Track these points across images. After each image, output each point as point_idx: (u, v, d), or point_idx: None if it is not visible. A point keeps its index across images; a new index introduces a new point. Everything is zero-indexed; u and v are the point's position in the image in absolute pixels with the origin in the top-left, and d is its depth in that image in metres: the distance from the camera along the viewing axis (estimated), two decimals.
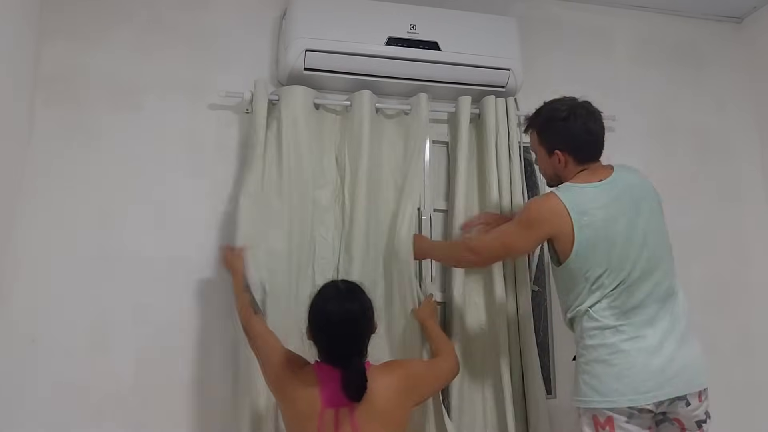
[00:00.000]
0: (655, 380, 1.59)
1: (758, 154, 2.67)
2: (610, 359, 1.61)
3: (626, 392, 1.58)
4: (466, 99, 2.26)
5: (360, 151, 2.09)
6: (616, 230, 1.66)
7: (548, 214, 1.68)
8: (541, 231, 1.70)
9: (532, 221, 1.71)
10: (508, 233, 1.77)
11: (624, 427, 1.59)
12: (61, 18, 2.12)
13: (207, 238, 2.08)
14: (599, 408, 1.61)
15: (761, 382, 2.45)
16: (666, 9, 2.69)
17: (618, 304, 1.65)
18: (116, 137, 2.09)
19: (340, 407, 1.51)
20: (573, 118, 1.77)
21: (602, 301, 1.65)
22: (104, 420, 1.92)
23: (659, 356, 1.60)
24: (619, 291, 1.65)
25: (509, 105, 2.28)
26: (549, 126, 1.81)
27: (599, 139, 1.80)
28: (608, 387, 1.60)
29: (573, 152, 1.76)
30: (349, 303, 1.59)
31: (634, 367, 1.59)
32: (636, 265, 1.66)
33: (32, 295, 1.93)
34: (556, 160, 1.78)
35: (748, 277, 2.55)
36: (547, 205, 1.70)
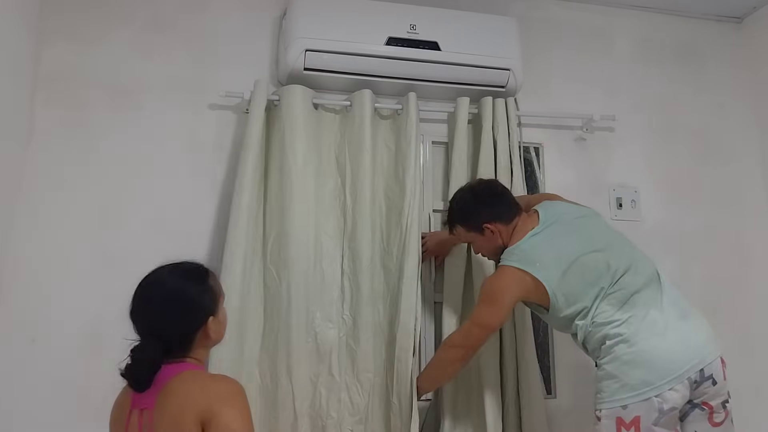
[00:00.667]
0: (677, 361, 1.60)
1: (758, 154, 2.67)
2: (630, 353, 1.61)
3: (656, 380, 1.58)
4: (464, 100, 2.26)
5: (361, 151, 2.09)
6: (571, 254, 1.74)
7: (507, 281, 1.76)
8: (509, 298, 1.77)
9: (495, 295, 1.77)
10: (480, 316, 1.80)
11: (651, 428, 1.57)
12: (61, 18, 2.13)
13: (207, 238, 2.08)
14: (629, 405, 1.58)
15: (761, 382, 2.45)
16: (666, 9, 2.69)
17: (615, 300, 1.69)
18: (116, 137, 2.09)
19: (144, 409, 1.30)
20: (477, 195, 1.90)
21: (601, 306, 1.69)
22: (104, 420, 1.91)
23: (672, 335, 1.63)
24: (611, 291, 1.70)
25: (509, 105, 2.28)
26: (467, 215, 1.90)
27: (508, 195, 1.93)
28: (637, 380, 1.59)
29: (497, 218, 1.86)
30: (167, 276, 1.41)
31: (656, 353, 1.60)
32: (611, 266, 1.72)
33: (32, 295, 1.93)
34: (489, 232, 1.86)
35: (748, 278, 2.55)
36: (501, 275, 1.79)
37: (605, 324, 1.67)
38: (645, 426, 1.56)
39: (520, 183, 2.23)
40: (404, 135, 2.13)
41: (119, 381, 1.91)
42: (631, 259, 1.75)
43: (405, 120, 2.15)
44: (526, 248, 1.78)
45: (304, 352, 1.94)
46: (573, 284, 1.71)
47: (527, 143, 2.38)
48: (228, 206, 2.08)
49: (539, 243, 1.78)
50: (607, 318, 1.67)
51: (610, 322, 1.67)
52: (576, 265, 1.72)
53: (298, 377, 1.91)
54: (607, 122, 2.48)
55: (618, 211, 2.46)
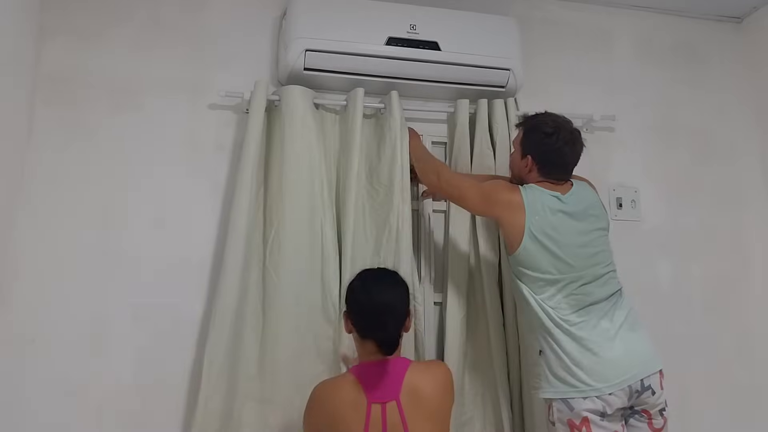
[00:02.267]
0: (621, 368, 1.68)
1: (758, 154, 2.67)
2: (579, 357, 1.69)
3: (600, 380, 1.66)
4: (464, 102, 2.26)
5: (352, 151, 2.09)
6: (565, 237, 1.79)
7: (503, 200, 1.84)
8: (493, 210, 1.87)
9: (490, 197, 1.87)
10: (470, 188, 1.91)
11: (600, 424, 1.64)
12: (61, 18, 2.13)
13: (206, 237, 2.08)
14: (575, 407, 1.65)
15: (761, 382, 2.45)
16: (666, 9, 2.69)
17: (574, 302, 1.75)
18: (116, 137, 2.09)
19: (387, 401, 1.52)
20: (555, 137, 1.87)
21: (559, 299, 1.76)
22: (104, 420, 1.92)
23: (619, 345, 1.71)
24: (575, 290, 1.76)
25: (509, 105, 2.28)
26: (532, 133, 1.91)
27: (568, 165, 1.91)
28: (581, 379, 1.67)
29: (539, 165, 1.89)
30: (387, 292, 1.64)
31: (602, 361, 1.67)
32: (587, 270, 1.78)
33: (32, 295, 1.93)
34: (525, 164, 1.91)
35: (748, 277, 2.55)
36: (504, 193, 1.86)
37: (558, 318, 1.73)
38: (594, 423, 1.64)
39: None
40: (389, 134, 2.12)
41: (119, 381, 1.93)
42: (604, 274, 1.81)
43: (389, 119, 2.14)
44: (544, 199, 1.82)
45: (304, 352, 1.94)
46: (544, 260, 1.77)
47: None
48: (228, 206, 2.09)
49: (554, 204, 1.81)
50: (561, 315, 1.74)
51: (565, 319, 1.73)
52: (558, 247, 1.77)
53: (297, 376, 1.90)
54: (607, 122, 2.48)
55: (618, 211, 2.46)
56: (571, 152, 1.89)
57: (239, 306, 1.93)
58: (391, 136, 2.11)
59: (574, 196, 1.86)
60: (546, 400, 1.75)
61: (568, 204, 1.83)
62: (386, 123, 2.15)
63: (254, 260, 2.00)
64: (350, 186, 2.06)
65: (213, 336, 1.89)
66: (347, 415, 1.52)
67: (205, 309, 2.03)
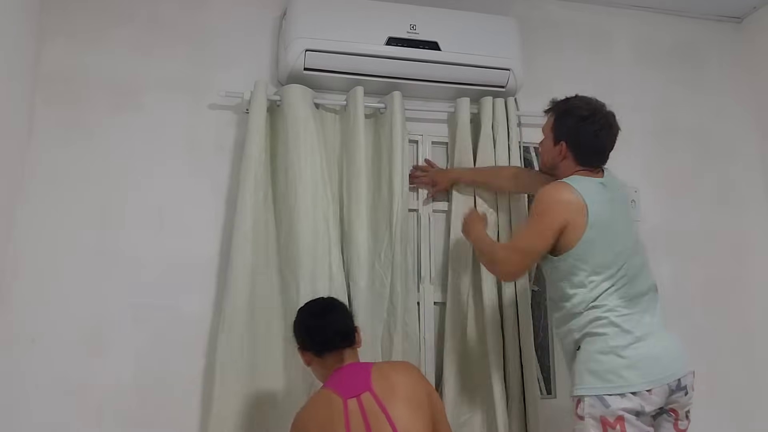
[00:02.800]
0: (661, 365, 1.63)
1: (758, 154, 2.67)
2: (623, 352, 1.62)
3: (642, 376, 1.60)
4: (464, 100, 2.26)
5: (354, 150, 2.09)
6: (616, 225, 1.73)
7: (563, 203, 1.70)
8: (558, 221, 1.69)
9: (547, 212, 1.71)
10: (525, 238, 1.76)
11: (635, 424, 1.58)
12: (61, 18, 2.13)
13: (206, 237, 2.09)
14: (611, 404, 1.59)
15: (761, 382, 2.45)
16: (666, 9, 2.69)
17: (624, 293, 1.68)
18: (116, 137, 2.09)
19: (361, 393, 1.54)
20: (590, 121, 1.79)
21: (611, 291, 1.68)
22: (104, 420, 1.92)
23: (659, 341, 1.67)
24: (623, 281, 1.69)
25: (509, 105, 2.28)
26: (566, 118, 1.83)
27: (605, 151, 1.82)
28: (621, 375, 1.61)
29: (575, 151, 1.80)
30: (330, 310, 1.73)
31: (646, 356, 1.62)
32: (632, 258, 1.73)
33: (32, 295, 1.93)
34: (558, 151, 1.82)
35: (748, 277, 2.55)
36: (560, 191, 1.72)
37: (606, 310, 1.66)
38: (630, 422, 1.58)
39: None
40: (390, 134, 2.13)
41: (119, 381, 1.93)
42: (643, 264, 1.77)
43: (389, 119, 2.14)
44: (592, 187, 1.73)
45: None
46: (601, 249, 1.68)
47: (527, 143, 2.38)
48: (228, 206, 2.09)
49: (601, 191, 1.74)
50: (610, 305, 1.66)
51: (613, 310, 1.66)
52: (613, 236, 1.70)
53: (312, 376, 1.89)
54: None
55: None
56: (609, 136, 1.80)
57: (249, 307, 1.93)
58: (393, 136, 2.11)
59: (612, 182, 1.80)
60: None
61: (611, 190, 1.77)
62: (387, 123, 2.15)
63: (264, 261, 2.01)
64: (359, 185, 2.06)
65: (223, 338, 1.90)
66: (328, 421, 1.52)
67: (205, 309, 2.03)
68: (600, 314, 1.67)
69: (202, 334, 2.02)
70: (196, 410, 1.97)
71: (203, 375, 1.99)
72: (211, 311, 2.03)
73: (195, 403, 1.97)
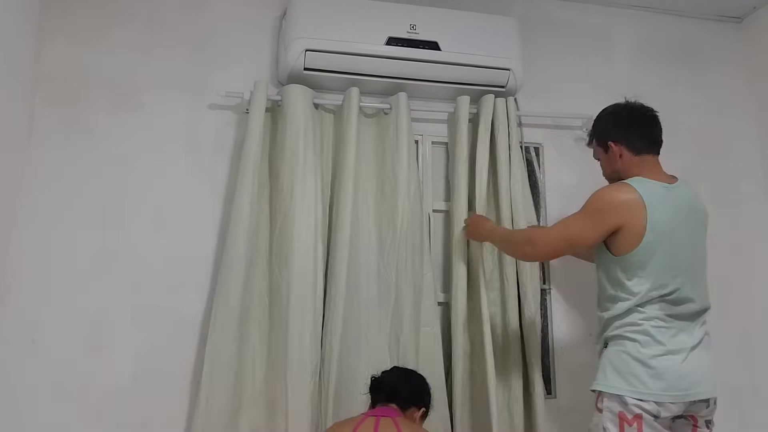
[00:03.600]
0: (688, 381, 1.62)
1: (758, 154, 2.67)
2: (650, 361, 1.61)
3: (665, 389, 1.59)
4: (464, 99, 2.25)
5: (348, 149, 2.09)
6: (678, 235, 1.68)
7: (619, 203, 1.66)
8: (611, 221, 1.65)
9: (602, 210, 1.68)
10: (573, 225, 1.72)
11: (653, 425, 1.58)
12: (62, 18, 2.13)
13: (206, 237, 2.09)
14: (629, 404, 1.59)
15: (761, 382, 2.45)
16: (666, 9, 2.69)
17: (667, 309, 1.66)
18: (116, 137, 2.09)
19: (381, 417, 1.62)
20: (619, 109, 1.82)
21: (655, 302, 1.66)
22: (104, 420, 1.92)
23: (691, 361, 1.64)
24: (671, 298, 1.67)
25: (509, 105, 2.28)
26: (601, 125, 1.85)
27: (649, 128, 1.81)
28: (644, 382, 1.60)
29: (625, 141, 1.78)
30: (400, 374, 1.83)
31: (672, 369, 1.61)
32: (688, 273, 1.70)
33: (32, 295, 1.93)
34: (612, 153, 1.79)
35: (748, 278, 2.55)
36: (618, 194, 1.68)
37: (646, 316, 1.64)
38: (647, 423, 1.57)
39: (519, 183, 2.22)
40: (395, 135, 2.13)
41: (119, 381, 1.93)
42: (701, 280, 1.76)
43: (395, 120, 2.14)
44: (657, 192, 1.68)
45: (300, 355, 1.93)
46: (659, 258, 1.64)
47: (527, 143, 2.38)
48: (228, 206, 2.09)
49: (667, 198, 1.68)
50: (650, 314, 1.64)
51: (652, 318, 1.64)
52: (674, 247, 1.66)
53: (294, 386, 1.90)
54: None
55: None
56: (643, 113, 1.81)
57: (242, 305, 1.93)
58: (398, 136, 2.11)
59: (683, 192, 1.74)
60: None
61: (678, 197, 1.71)
62: (392, 124, 2.15)
63: (259, 260, 2.01)
64: (347, 185, 2.05)
65: (213, 336, 1.90)
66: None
67: (205, 309, 2.03)
68: (638, 320, 1.65)
69: (202, 333, 2.01)
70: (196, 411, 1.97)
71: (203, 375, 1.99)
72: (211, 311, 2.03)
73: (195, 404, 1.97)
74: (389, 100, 2.20)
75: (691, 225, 1.75)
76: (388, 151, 2.14)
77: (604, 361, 1.68)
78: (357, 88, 2.15)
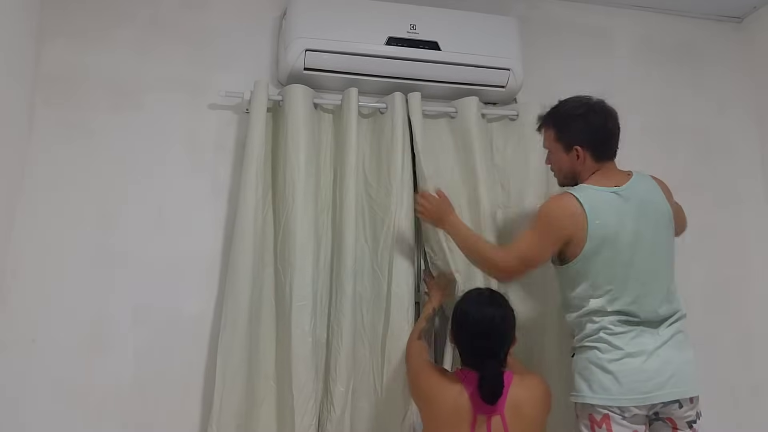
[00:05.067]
0: (651, 383, 1.61)
1: (758, 154, 2.67)
2: (608, 366, 1.63)
3: (624, 392, 1.61)
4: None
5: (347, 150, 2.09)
6: (624, 240, 1.68)
7: (566, 214, 1.68)
8: (561, 233, 1.68)
9: (551, 223, 1.69)
10: (525, 246, 1.72)
11: (621, 423, 1.60)
12: (62, 17, 2.13)
13: (207, 237, 2.09)
14: (595, 406, 1.63)
15: (761, 382, 2.45)
16: (666, 9, 2.69)
17: (622, 312, 1.66)
18: (116, 137, 2.09)
19: (493, 415, 1.58)
20: (592, 114, 1.78)
21: (607, 308, 1.67)
22: (104, 420, 1.92)
23: (654, 361, 1.63)
24: (624, 301, 1.66)
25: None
26: (568, 122, 1.80)
27: (615, 137, 1.81)
28: (605, 387, 1.62)
29: (592, 148, 1.77)
30: (490, 308, 1.69)
31: (631, 372, 1.62)
32: (643, 279, 1.68)
33: (32, 295, 1.93)
34: (575, 156, 1.78)
35: (748, 278, 2.55)
36: (564, 204, 1.69)
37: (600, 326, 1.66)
38: (615, 421, 1.60)
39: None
40: (391, 134, 2.12)
41: (119, 381, 1.93)
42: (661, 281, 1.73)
43: (390, 119, 2.14)
44: (600, 199, 1.69)
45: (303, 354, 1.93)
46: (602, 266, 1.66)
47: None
48: (229, 206, 2.09)
49: (612, 203, 1.69)
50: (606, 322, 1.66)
51: (606, 327, 1.66)
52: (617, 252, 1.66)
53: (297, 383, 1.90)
54: None
55: None
56: (613, 123, 1.80)
57: (252, 305, 1.93)
58: (393, 136, 2.11)
59: (633, 188, 1.74)
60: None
61: (629, 201, 1.71)
62: (387, 123, 2.15)
63: (265, 260, 2.01)
64: (348, 185, 2.06)
65: (225, 336, 1.90)
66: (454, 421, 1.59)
67: (205, 309, 2.04)
68: (593, 329, 1.67)
69: (203, 333, 2.02)
70: (196, 410, 1.97)
71: (203, 375, 1.99)
72: (211, 311, 2.04)
73: (195, 403, 1.97)
74: (385, 99, 2.20)
75: (646, 227, 1.71)
76: (383, 151, 2.14)
77: (573, 370, 1.73)
78: (356, 89, 2.15)
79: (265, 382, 1.95)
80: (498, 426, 1.57)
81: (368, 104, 2.19)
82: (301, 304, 1.93)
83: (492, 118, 2.31)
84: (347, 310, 1.98)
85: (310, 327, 1.94)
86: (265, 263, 2.02)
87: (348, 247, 2.02)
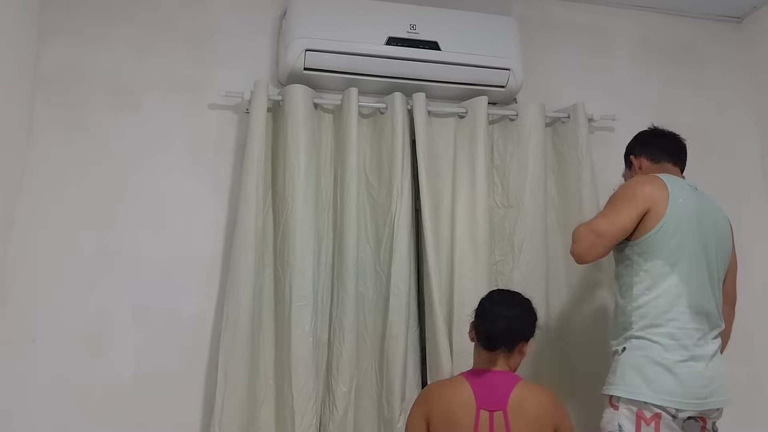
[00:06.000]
0: (707, 390, 1.63)
1: (758, 154, 2.67)
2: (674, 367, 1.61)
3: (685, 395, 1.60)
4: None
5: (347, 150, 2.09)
6: (699, 229, 1.70)
7: (650, 182, 1.72)
8: (642, 200, 1.68)
9: (634, 188, 1.72)
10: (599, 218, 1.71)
11: (669, 424, 1.59)
12: (62, 17, 2.13)
13: (207, 237, 2.09)
14: (649, 404, 1.59)
15: (761, 382, 2.45)
16: (666, 9, 2.69)
17: (692, 301, 1.66)
18: (116, 137, 2.09)
19: (494, 410, 1.59)
20: (647, 131, 1.95)
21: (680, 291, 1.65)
22: (104, 420, 1.92)
23: (711, 369, 1.65)
24: (694, 287, 1.66)
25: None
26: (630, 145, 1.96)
27: (674, 145, 1.89)
28: (667, 388, 1.60)
29: (645, 153, 1.86)
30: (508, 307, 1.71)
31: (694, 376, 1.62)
32: (708, 273, 1.70)
33: (32, 295, 1.93)
34: (633, 166, 1.89)
35: (748, 277, 2.54)
36: (648, 177, 1.75)
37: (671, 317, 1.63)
38: (665, 423, 1.58)
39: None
40: (391, 134, 2.12)
41: (119, 381, 1.93)
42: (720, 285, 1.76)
43: (390, 119, 2.14)
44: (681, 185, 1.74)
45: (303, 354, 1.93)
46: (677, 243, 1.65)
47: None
48: (229, 206, 2.09)
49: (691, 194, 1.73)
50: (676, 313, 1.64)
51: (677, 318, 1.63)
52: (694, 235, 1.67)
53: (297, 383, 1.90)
54: (607, 122, 2.48)
55: None
56: (674, 137, 1.90)
57: (253, 306, 1.93)
58: (393, 136, 2.11)
59: (707, 198, 1.79)
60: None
61: (702, 199, 1.75)
62: (387, 123, 2.15)
63: (265, 260, 2.01)
64: (349, 185, 2.06)
65: (226, 336, 1.90)
66: (458, 416, 1.60)
67: (205, 309, 2.04)
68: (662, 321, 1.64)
69: (203, 333, 2.02)
70: (197, 410, 1.97)
71: (204, 375, 1.99)
72: (211, 311, 2.04)
73: (195, 403, 1.97)
74: (385, 99, 2.20)
75: (715, 231, 1.76)
76: (384, 151, 2.14)
77: (622, 363, 1.66)
78: (356, 89, 2.15)
79: (265, 382, 1.96)
80: (500, 422, 1.58)
81: (368, 104, 2.19)
82: (300, 305, 1.94)
83: (492, 118, 2.31)
84: (349, 311, 1.98)
85: (311, 327, 1.94)
86: (265, 263, 2.02)
87: (349, 248, 2.02)
